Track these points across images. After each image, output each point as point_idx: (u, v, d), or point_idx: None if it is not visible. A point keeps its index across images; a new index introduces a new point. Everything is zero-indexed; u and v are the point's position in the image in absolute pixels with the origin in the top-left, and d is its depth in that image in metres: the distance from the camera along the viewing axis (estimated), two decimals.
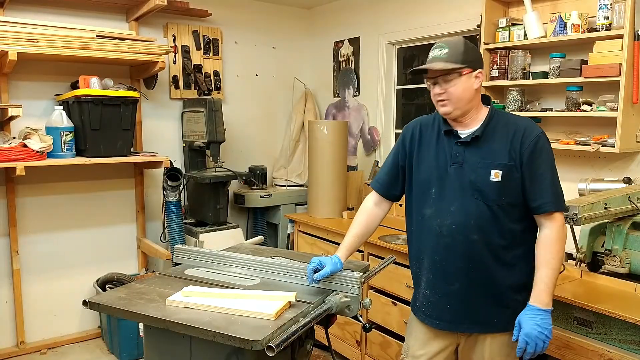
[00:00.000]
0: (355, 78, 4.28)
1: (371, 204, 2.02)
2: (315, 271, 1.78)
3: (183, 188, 3.70)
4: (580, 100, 2.58)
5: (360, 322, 2.00)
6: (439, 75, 1.72)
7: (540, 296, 1.68)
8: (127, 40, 3.35)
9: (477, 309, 1.78)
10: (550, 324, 1.68)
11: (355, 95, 4.30)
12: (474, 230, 1.74)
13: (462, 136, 1.79)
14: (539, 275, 1.70)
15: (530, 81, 2.80)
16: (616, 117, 2.39)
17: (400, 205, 2.41)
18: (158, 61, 3.40)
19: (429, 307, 1.86)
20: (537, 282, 1.70)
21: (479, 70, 1.76)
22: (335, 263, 1.81)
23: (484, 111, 1.81)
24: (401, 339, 2.76)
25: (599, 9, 2.45)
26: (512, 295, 1.77)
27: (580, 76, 2.53)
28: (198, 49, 4.04)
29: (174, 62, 3.94)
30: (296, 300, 1.67)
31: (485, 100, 1.84)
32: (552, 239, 1.70)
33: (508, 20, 2.87)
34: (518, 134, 1.73)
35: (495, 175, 1.72)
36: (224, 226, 3.74)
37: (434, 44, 1.82)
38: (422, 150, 1.88)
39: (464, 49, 1.74)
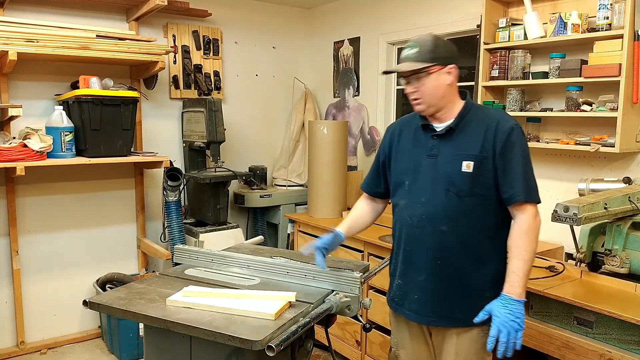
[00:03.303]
0: (355, 78, 4.28)
1: (363, 198, 2.12)
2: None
3: (183, 188, 3.70)
4: (580, 100, 2.58)
5: (360, 322, 2.00)
6: (410, 75, 1.76)
7: (513, 287, 1.67)
8: (127, 40, 3.36)
9: (443, 301, 1.79)
10: (523, 314, 1.66)
11: (355, 95, 4.30)
12: (443, 222, 1.75)
13: (438, 129, 1.82)
14: (510, 266, 1.70)
15: (530, 81, 2.80)
16: (616, 117, 2.39)
17: None
18: (158, 61, 3.40)
19: (400, 297, 1.89)
20: (509, 274, 1.69)
21: (451, 65, 1.76)
22: (331, 234, 1.92)
23: (460, 105, 1.83)
24: None
25: (599, 9, 2.45)
26: (479, 291, 1.76)
27: (580, 76, 2.52)
28: (198, 49, 4.04)
29: (174, 62, 3.94)
30: (296, 300, 1.67)
31: (463, 94, 1.86)
32: (522, 230, 1.70)
33: (508, 20, 2.87)
34: (492, 126, 1.75)
35: (467, 166, 1.74)
36: (224, 226, 3.74)
37: None
38: (400, 146, 1.93)
39: (433, 47, 1.74)
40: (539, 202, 1.75)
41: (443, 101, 1.79)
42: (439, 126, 1.82)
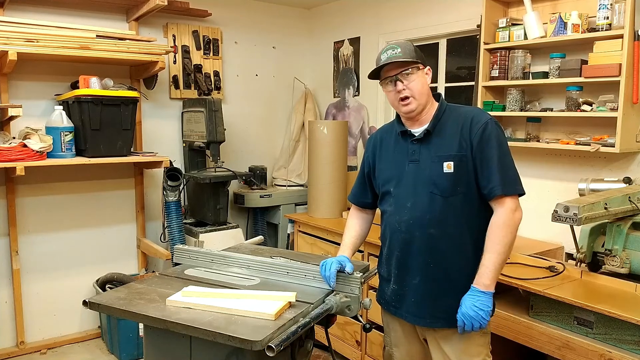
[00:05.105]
0: (355, 78, 4.28)
1: (354, 211, 2.11)
2: (340, 270, 1.78)
3: (183, 188, 3.70)
4: (580, 100, 2.58)
5: (360, 322, 2.00)
6: (398, 73, 1.77)
7: (481, 278, 1.71)
8: (127, 40, 3.36)
9: (438, 303, 1.81)
10: (489, 306, 1.70)
11: (355, 95, 4.30)
12: (431, 224, 1.77)
13: (416, 134, 1.84)
14: (483, 259, 1.73)
15: (531, 81, 2.80)
16: (616, 117, 2.39)
17: None
18: (158, 61, 3.40)
19: (397, 301, 1.90)
20: (481, 266, 1.72)
21: (428, 67, 1.84)
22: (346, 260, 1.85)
23: (435, 106, 1.86)
24: None
25: (599, 9, 2.45)
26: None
27: (580, 76, 2.52)
28: (198, 49, 4.04)
29: (174, 62, 3.94)
30: (296, 301, 1.67)
31: (437, 97, 1.90)
32: (498, 224, 1.72)
33: (508, 20, 2.87)
34: (467, 123, 1.77)
35: (448, 167, 1.76)
36: (224, 226, 3.74)
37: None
38: (382, 155, 1.95)
39: (413, 47, 1.81)
40: (521, 193, 1.76)
41: (427, 100, 1.83)
42: (417, 130, 1.85)
